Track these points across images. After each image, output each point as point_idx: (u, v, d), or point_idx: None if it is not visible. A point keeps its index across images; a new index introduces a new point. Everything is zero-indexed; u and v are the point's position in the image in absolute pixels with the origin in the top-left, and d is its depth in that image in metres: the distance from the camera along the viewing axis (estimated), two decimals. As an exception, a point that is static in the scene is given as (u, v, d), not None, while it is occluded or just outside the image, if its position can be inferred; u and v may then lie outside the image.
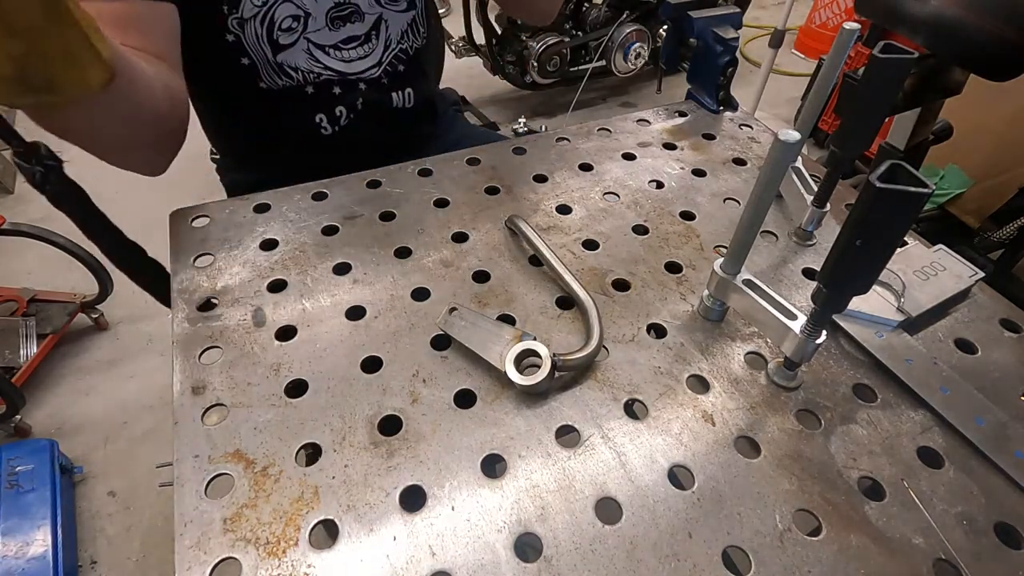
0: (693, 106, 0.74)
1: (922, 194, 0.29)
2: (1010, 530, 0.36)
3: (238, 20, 0.64)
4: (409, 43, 0.75)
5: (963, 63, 0.99)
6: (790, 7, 1.80)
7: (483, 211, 0.58)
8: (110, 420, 1.39)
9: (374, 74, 0.74)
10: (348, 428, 0.40)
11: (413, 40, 0.76)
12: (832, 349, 0.46)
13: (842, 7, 2.61)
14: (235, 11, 0.63)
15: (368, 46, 0.72)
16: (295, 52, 0.68)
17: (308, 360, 0.44)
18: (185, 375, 0.43)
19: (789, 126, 0.59)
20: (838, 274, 0.35)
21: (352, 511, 0.36)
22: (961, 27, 0.90)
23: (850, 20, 0.47)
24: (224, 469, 0.38)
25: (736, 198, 0.61)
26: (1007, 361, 0.46)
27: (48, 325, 1.46)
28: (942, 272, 0.50)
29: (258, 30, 0.65)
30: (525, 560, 0.34)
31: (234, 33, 0.65)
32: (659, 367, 0.44)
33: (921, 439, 0.41)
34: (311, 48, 0.69)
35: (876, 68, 0.41)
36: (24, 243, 1.39)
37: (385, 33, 0.72)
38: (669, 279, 0.52)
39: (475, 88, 2.45)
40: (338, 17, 0.68)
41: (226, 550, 0.34)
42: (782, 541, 0.35)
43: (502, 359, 0.41)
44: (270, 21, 0.65)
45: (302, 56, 0.69)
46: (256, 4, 0.64)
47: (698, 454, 0.39)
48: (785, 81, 2.71)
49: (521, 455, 0.39)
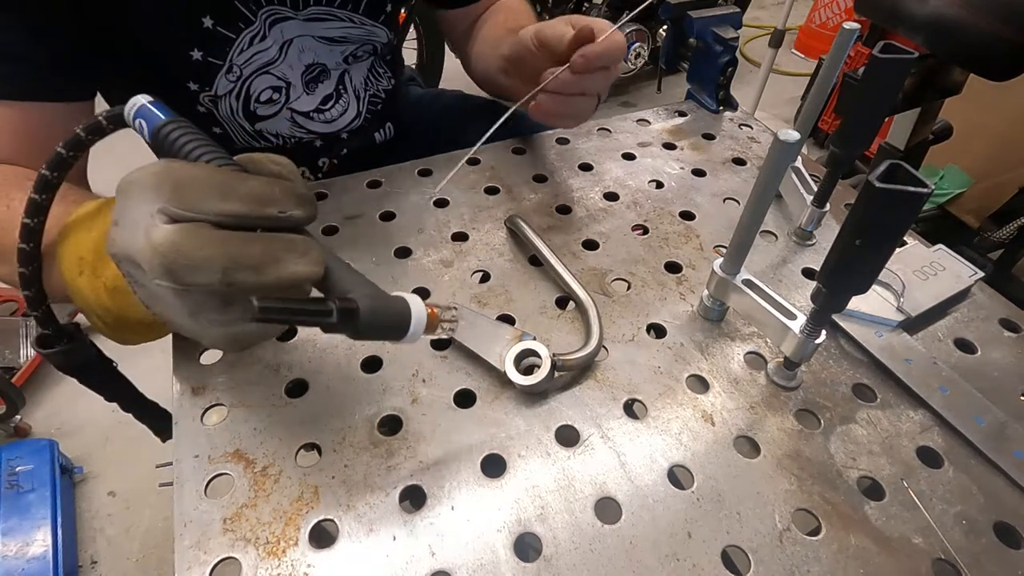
0: (693, 106, 0.75)
1: (922, 194, 0.29)
2: (1010, 530, 0.36)
3: (210, 97, 0.61)
4: (375, 87, 0.75)
5: (963, 63, 1.00)
6: (790, 7, 1.80)
7: (483, 211, 0.58)
8: (110, 420, 1.39)
9: (356, 125, 0.74)
10: (348, 428, 0.40)
11: (378, 83, 0.75)
12: (832, 349, 0.46)
13: (842, 7, 2.61)
14: (208, 89, 0.60)
15: (343, 101, 0.71)
16: (277, 121, 0.67)
17: (308, 360, 0.44)
18: (185, 375, 0.43)
19: (789, 126, 0.59)
20: (838, 274, 0.35)
21: (352, 511, 0.36)
22: (961, 27, 0.90)
23: (850, 20, 0.47)
24: (224, 469, 0.38)
25: (736, 198, 0.61)
26: (1007, 361, 0.46)
27: (48, 325, 1.46)
28: (942, 272, 0.50)
29: (233, 105, 0.63)
30: (525, 560, 0.34)
31: (205, 107, 0.62)
32: (659, 367, 0.44)
33: (921, 439, 0.41)
34: (294, 116, 0.68)
35: (876, 68, 0.41)
36: (24, 243, 1.39)
37: (351, 85, 0.71)
38: (669, 279, 0.52)
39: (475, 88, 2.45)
40: (311, 79, 0.67)
41: (226, 550, 0.34)
42: (781, 541, 0.35)
43: (502, 359, 0.41)
44: (246, 95, 0.63)
45: (284, 124, 0.68)
46: (231, 80, 0.60)
47: (698, 454, 0.39)
48: (785, 81, 2.70)
49: (521, 455, 0.39)
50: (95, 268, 0.36)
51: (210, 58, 0.58)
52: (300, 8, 0.61)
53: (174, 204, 0.28)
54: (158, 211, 0.27)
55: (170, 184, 0.28)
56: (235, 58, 0.59)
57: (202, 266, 0.27)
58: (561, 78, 0.51)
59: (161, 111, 0.32)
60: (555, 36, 0.52)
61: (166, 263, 0.27)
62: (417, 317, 0.32)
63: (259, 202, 0.29)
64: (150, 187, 0.28)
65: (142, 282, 0.30)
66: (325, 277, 0.31)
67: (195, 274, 0.27)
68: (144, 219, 0.28)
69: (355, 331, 0.30)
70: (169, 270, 0.27)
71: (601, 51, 0.50)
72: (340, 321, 0.29)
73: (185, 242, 0.27)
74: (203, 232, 0.28)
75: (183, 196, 0.28)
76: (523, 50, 0.57)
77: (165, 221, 0.28)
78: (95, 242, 0.36)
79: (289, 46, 0.62)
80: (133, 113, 0.33)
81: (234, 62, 0.59)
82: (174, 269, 0.27)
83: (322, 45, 0.65)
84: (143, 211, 0.28)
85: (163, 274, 0.27)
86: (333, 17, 0.63)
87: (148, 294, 0.30)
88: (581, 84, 0.52)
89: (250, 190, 0.29)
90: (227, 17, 0.56)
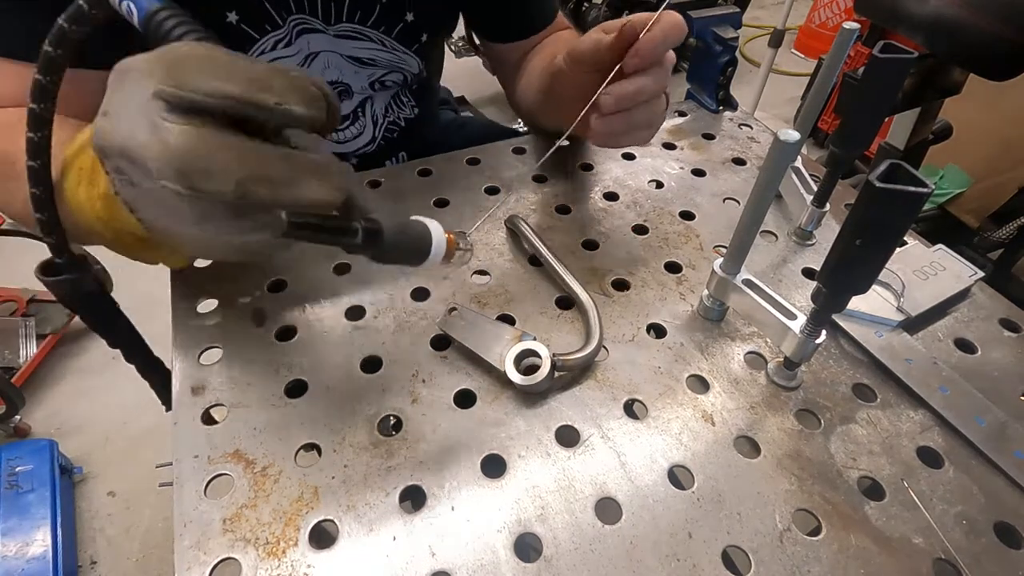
0: (693, 106, 0.74)
1: (922, 194, 0.29)
2: (1010, 530, 0.36)
3: None
4: (396, 115, 0.73)
5: (963, 63, 1.00)
6: (790, 7, 1.80)
7: (483, 211, 0.58)
8: (110, 420, 1.39)
9: (369, 150, 0.73)
10: (348, 428, 0.40)
11: (399, 111, 0.73)
12: (832, 349, 0.46)
13: (842, 7, 2.61)
14: None
15: (359, 124, 0.69)
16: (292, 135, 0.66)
17: (308, 360, 0.44)
18: (185, 375, 0.43)
19: (789, 126, 0.59)
20: (838, 274, 0.35)
21: (352, 511, 0.36)
22: (961, 27, 0.90)
23: (850, 20, 0.47)
24: (224, 469, 0.38)
25: (736, 198, 0.61)
26: (1007, 361, 0.46)
27: (48, 325, 1.46)
28: (942, 272, 0.50)
29: None
30: (525, 560, 0.34)
31: None
32: (659, 367, 0.44)
33: (921, 439, 0.41)
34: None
35: (876, 68, 0.41)
36: (24, 243, 1.39)
37: (371, 109, 0.70)
38: (669, 279, 0.52)
39: (475, 88, 2.45)
40: None
41: (226, 550, 0.34)
42: (782, 541, 0.35)
43: (502, 359, 0.41)
44: None
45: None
46: None
47: (698, 454, 0.39)
48: (785, 81, 2.71)
49: (521, 455, 0.39)
50: (92, 177, 0.34)
51: None
52: (331, 23, 0.59)
53: (168, 83, 0.25)
54: (154, 94, 0.25)
55: (166, 62, 0.25)
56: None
57: (218, 174, 0.25)
58: (616, 92, 0.44)
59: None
60: (590, 46, 0.45)
61: (180, 167, 0.25)
62: (437, 241, 0.32)
63: (257, 87, 0.26)
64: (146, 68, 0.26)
65: (137, 181, 0.27)
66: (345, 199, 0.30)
67: (208, 180, 0.25)
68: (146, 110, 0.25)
69: (379, 252, 0.30)
70: (181, 174, 0.25)
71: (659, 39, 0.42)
72: (365, 241, 0.28)
73: (201, 145, 0.25)
74: (223, 136, 0.25)
75: (178, 74, 0.25)
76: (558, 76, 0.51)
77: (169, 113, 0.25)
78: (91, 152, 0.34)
79: (314, 59, 0.61)
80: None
81: None
82: (187, 173, 0.25)
83: (348, 64, 0.63)
84: (141, 97, 0.25)
85: (175, 176, 0.25)
86: (364, 37, 0.61)
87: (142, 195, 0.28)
88: (641, 90, 0.45)
89: (252, 73, 0.26)
90: (253, 16, 0.55)
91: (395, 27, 0.62)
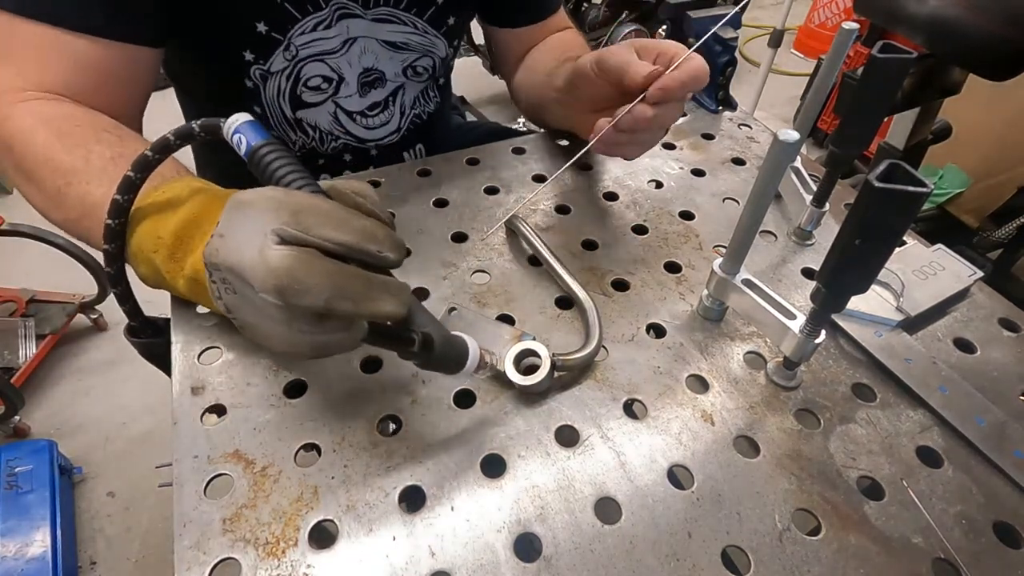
0: (692, 106, 0.74)
1: (921, 194, 0.29)
2: (1009, 529, 0.36)
3: (262, 72, 0.61)
4: (422, 108, 0.75)
5: (962, 63, 1.00)
6: (789, 7, 1.80)
7: (483, 211, 0.58)
8: (110, 420, 1.39)
9: (393, 140, 0.74)
10: (348, 428, 0.40)
11: (425, 105, 0.76)
12: (831, 349, 0.46)
13: (841, 7, 2.61)
14: (261, 62, 0.60)
15: (387, 112, 0.72)
16: (319, 112, 0.67)
17: (308, 361, 0.44)
18: (184, 375, 0.43)
19: (788, 126, 0.59)
20: (837, 274, 0.35)
21: (351, 511, 0.36)
22: (960, 27, 0.90)
23: (849, 20, 0.47)
24: (223, 469, 0.38)
25: (735, 198, 0.61)
26: (1006, 360, 0.46)
27: (47, 325, 1.46)
28: (941, 272, 0.50)
29: (282, 85, 0.63)
30: (525, 560, 0.34)
31: (254, 81, 0.62)
32: (658, 367, 0.44)
33: (920, 438, 0.41)
34: (338, 112, 0.68)
35: (875, 68, 0.42)
36: (23, 243, 1.39)
37: (401, 99, 0.72)
38: (668, 279, 0.52)
39: (475, 88, 2.46)
40: (366, 83, 0.67)
41: (225, 550, 0.34)
42: (781, 540, 0.35)
43: (502, 359, 0.41)
44: (296, 77, 0.63)
45: (325, 118, 0.68)
46: (287, 58, 0.61)
47: (697, 454, 0.39)
48: (784, 81, 2.71)
49: (520, 455, 0.39)
50: (173, 252, 0.40)
51: (273, 32, 0.58)
52: (369, 7, 0.61)
53: (292, 226, 0.30)
54: (273, 231, 0.29)
55: (290, 208, 0.30)
56: (295, 38, 0.59)
57: (311, 291, 0.29)
58: (635, 115, 0.48)
59: (260, 131, 0.35)
60: (618, 64, 0.49)
61: (279, 284, 0.29)
62: (473, 355, 0.37)
63: (366, 238, 0.31)
64: (269, 208, 0.30)
65: (241, 292, 0.32)
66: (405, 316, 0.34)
67: (303, 297, 0.29)
68: (258, 237, 0.30)
69: (427, 360, 0.35)
70: (280, 290, 0.29)
71: (684, 81, 0.47)
72: (420, 350, 0.34)
73: (299, 267, 0.29)
74: (315, 260, 0.30)
75: (301, 220, 0.30)
76: (581, 77, 0.55)
77: (277, 243, 0.29)
78: (176, 227, 0.40)
79: (352, 44, 0.63)
80: (234, 128, 0.36)
81: (293, 41, 0.60)
82: (285, 290, 0.29)
83: (384, 50, 0.66)
84: (257, 229, 0.30)
85: (274, 293, 0.29)
86: (398, 20, 0.64)
87: (241, 302, 0.33)
88: (656, 118, 0.48)
89: (361, 227, 0.31)
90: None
91: (427, 10, 0.65)
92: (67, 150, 0.45)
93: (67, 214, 0.45)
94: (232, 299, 0.33)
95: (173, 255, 0.40)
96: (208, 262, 0.33)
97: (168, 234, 0.40)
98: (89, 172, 0.44)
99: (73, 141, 0.45)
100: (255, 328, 0.33)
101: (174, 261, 0.40)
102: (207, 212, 0.40)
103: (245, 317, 0.34)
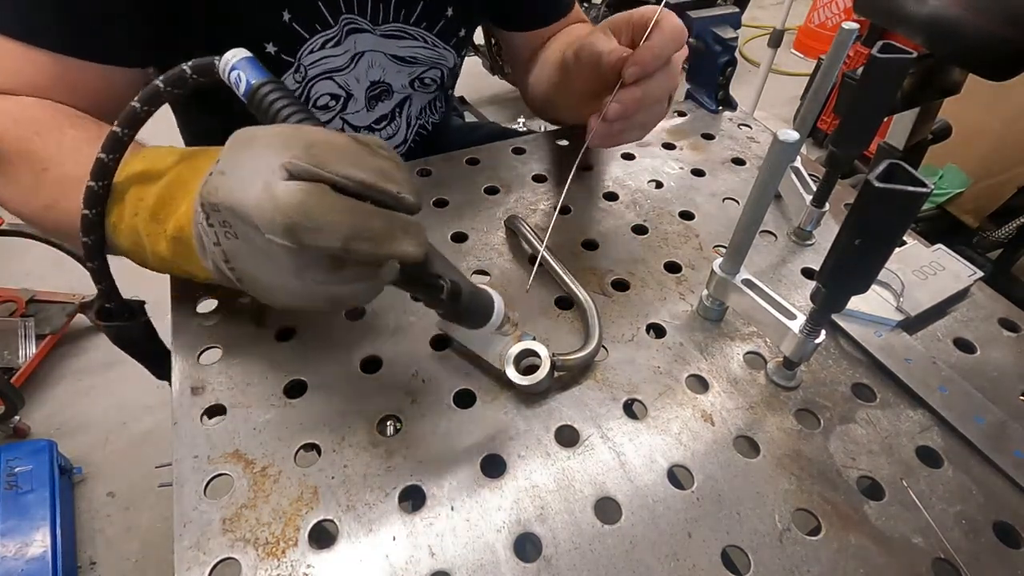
0: (692, 106, 0.75)
1: (921, 194, 0.29)
2: (1009, 529, 0.36)
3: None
4: (426, 119, 0.75)
5: (962, 63, 1.00)
6: (789, 7, 1.81)
7: (483, 211, 0.58)
8: (110, 420, 1.39)
9: (400, 152, 0.73)
10: (347, 428, 0.40)
11: (430, 116, 0.75)
12: (831, 349, 0.46)
13: (841, 7, 2.61)
14: None
15: (394, 125, 0.71)
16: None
17: (308, 360, 0.44)
18: (184, 375, 0.43)
19: (788, 126, 0.59)
20: (837, 274, 0.35)
21: (351, 511, 0.36)
22: (960, 27, 0.90)
23: (849, 20, 0.47)
24: (223, 469, 0.38)
25: (735, 198, 0.61)
26: (1006, 360, 0.46)
27: (47, 325, 1.46)
28: (941, 272, 0.50)
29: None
30: (525, 560, 0.34)
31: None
32: (658, 367, 0.44)
33: (920, 438, 0.41)
34: (345, 128, 0.67)
35: (875, 68, 0.42)
36: (24, 243, 1.39)
37: (407, 110, 0.71)
38: (668, 279, 0.52)
39: (475, 88, 2.45)
40: (373, 96, 0.66)
41: (225, 550, 0.34)
42: (781, 540, 0.35)
43: (501, 359, 0.41)
44: (306, 98, 0.61)
45: None
46: (296, 80, 0.59)
47: (697, 454, 0.39)
48: (784, 81, 2.71)
49: (520, 455, 0.39)
50: (155, 213, 0.36)
51: (283, 55, 0.57)
52: (379, 23, 0.60)
53: (304, 159, 0.27)
54: (282, 165, 0.27)
55: (302, 141, 0.28)
56: (303, 58, 0.58)
57: (326, 230, 0.26)
58: (623, 101, 0.46)
59: (259, 69, 0.32)
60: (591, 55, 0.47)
61: (289, 222, 0.26)
62: (499, 309, 0.35)
63: (384, 177, 0.29)
64: (278, 141, 0.28)
65: (244, 236, 0.29)
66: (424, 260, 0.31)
67: (317, 236, 0.27)
68: (264, 172, 0.27)
69: (454, 309, 0.32)
70: (290, 229, 0.26)
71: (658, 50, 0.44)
72: (447, 298, 0.31)
73: (312, 203, 0.26)
74: (329, 196, 0.27)
75: (315, 153, 0.27)
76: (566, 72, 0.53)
77: (286, 178, 0.27)
78: (161, 189, 0.36)
79: (360, 58, 0.62)
80: (230, 66, 0.32)
81: (302, 62, 0.59)
82: (296, 228, 0.26)
83: (392, 64, 0.65)
84: (264, 164, 0.27)
85: (283, 232, 0.26)
86: (408, 36, 0.63)
87: (244, 248, 0.30)
88: (645, 96, 0.46)
89: (378, 165, 0.29)
90: (306, 15, 0.55)
91: (437, 23, 0.64)
92: (41, 138, 0.42)
93: (44, 200, 0.43)
94: (233, 245, 0.30)
95: (155, 216, 0.37)
96: (206, 202, 0.29)
97: (151, 195, 0.37)
98: (63, 155, 0.41)
99: (46, 128, 0.43)
100: (257, 281, 0.31)
101: (156, 222, 0.36)
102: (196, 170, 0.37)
103: (247, 267, 0.30)
